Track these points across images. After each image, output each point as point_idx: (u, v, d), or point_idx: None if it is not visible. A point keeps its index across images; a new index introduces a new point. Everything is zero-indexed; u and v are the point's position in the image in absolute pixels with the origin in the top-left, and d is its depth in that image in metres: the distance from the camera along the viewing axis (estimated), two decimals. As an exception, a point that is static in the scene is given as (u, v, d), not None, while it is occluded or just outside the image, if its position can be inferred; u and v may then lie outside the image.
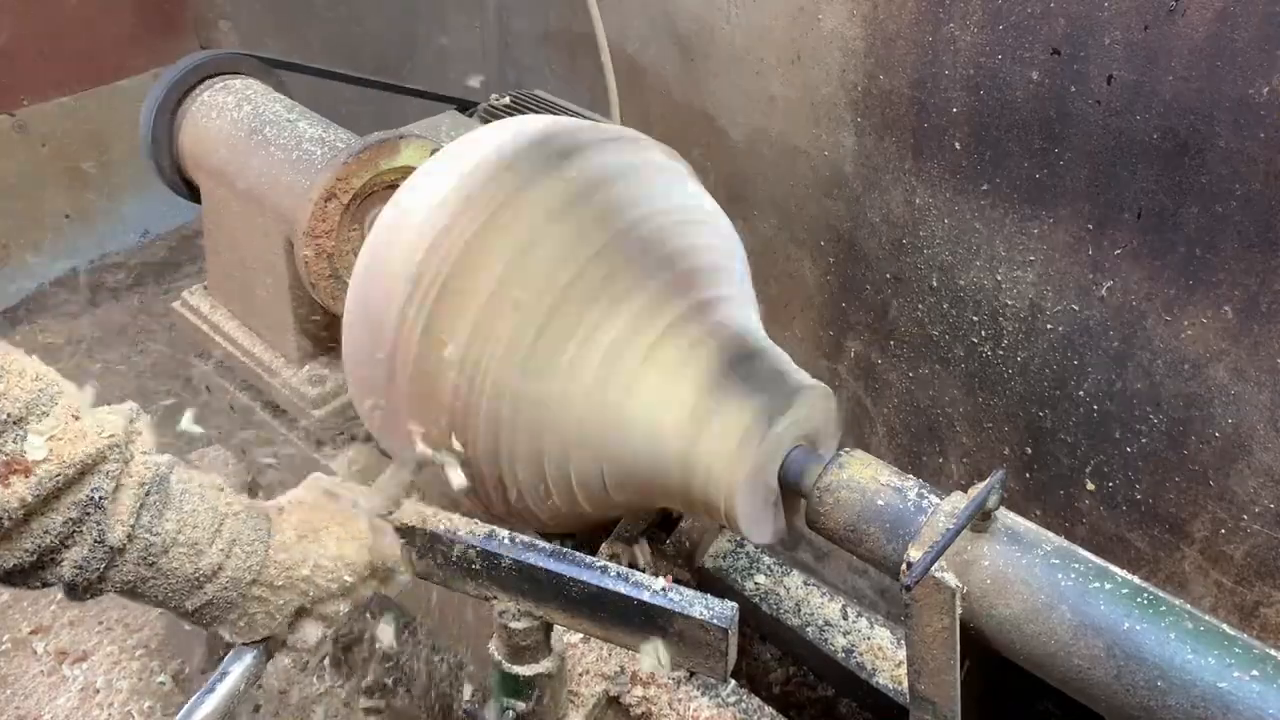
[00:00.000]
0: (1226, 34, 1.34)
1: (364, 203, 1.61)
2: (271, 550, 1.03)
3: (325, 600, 1.08)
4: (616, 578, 1.10)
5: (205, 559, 0.97)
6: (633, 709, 1.43)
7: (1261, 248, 1.42)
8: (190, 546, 0.95)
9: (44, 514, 0.85)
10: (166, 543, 0.94)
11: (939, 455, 2.01)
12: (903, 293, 1.92)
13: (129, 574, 0.93)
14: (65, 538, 0.87)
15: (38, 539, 0.85)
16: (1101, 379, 1.67)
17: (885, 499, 1.16)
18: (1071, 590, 1.03)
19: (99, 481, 0.88)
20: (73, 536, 0.88)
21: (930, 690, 1.09)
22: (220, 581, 0.98)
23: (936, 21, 1.65)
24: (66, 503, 0.86)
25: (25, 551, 0.85)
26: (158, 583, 0.95)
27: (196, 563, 0.96)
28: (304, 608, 1.06)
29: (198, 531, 0.96)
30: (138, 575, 0.93)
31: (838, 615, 1.62)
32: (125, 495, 0.90)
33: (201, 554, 0.96)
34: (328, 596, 1.07)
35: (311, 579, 1.05)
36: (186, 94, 1.84)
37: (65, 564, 0.88)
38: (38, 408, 0.85)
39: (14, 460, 0.82)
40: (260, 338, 1.86)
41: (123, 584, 0.93)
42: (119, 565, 0.91)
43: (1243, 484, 1.56)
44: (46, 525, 0.85)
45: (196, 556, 0.96)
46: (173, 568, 0.95)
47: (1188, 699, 0.94)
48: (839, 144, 1.90)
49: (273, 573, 1.02)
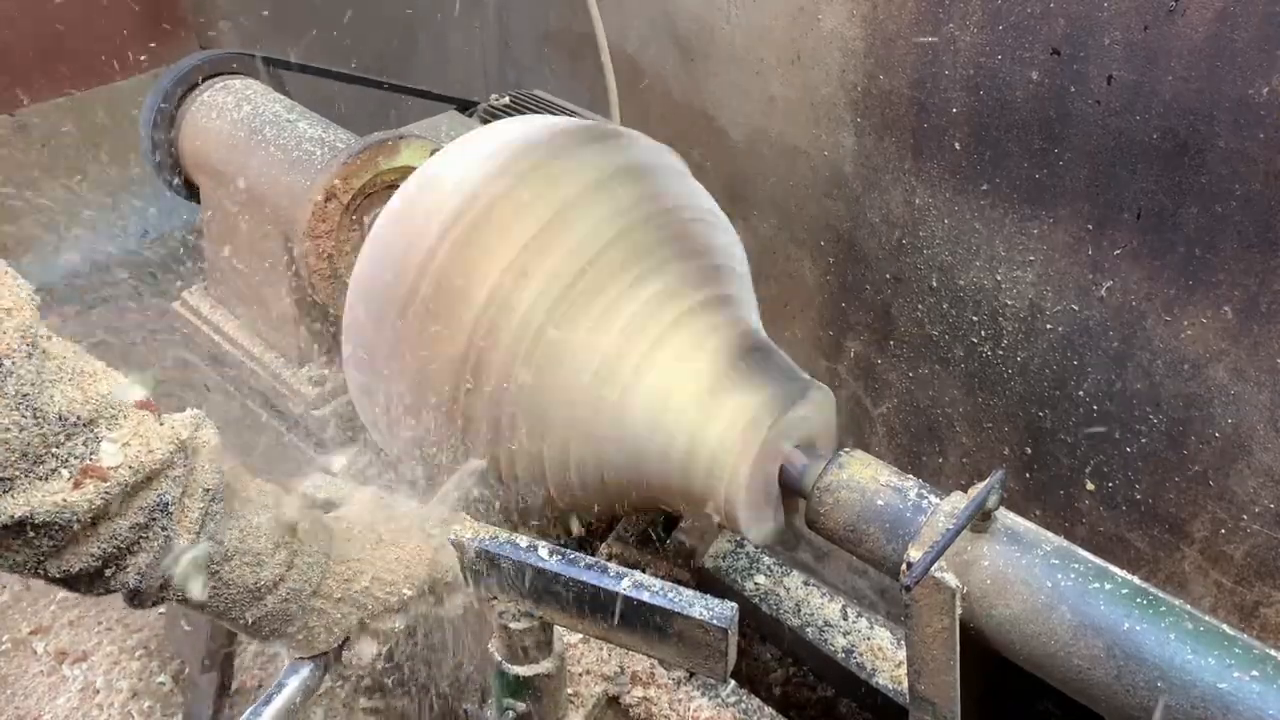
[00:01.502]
0: (1226, 34, 1.34)
1: (364, 203, 1.61)
2: (332, 562, 1.01)
3: (382, 615, 1.06)
4: (617, 578, 1.10)
5: (266, 569, 0.96)
6: (633, 709, 1.43)
7: (1261, 248, 1.42)
8: (253, 556, 0.95)
9: (112, 518, 0.85)
10: (229, 551, 0.93)
11: (939, 455, 2.01)
12: (902, 293, 1.92)
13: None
14: (132, 543, 0.87)
15: (105, 543, 0.85)
16: (1101, 379, 1.67)
17: (885, 499, 1.16)
18: (1071, 590, 1.03)
19: (167, 487, 0.87)
20: (139, 542, 0.87)
21: (930, 690, 1.09)
22: (281, 593, 0.98)
23: (936, 21, 1.65)
24: (135, 507, 0.86)
25: (91, 556, 0.85)
26: (219, 592, 0.94)
27: (258, 573, 0.95)
28: (362, 622, 1.05)
29: (260, 541, 0.96)
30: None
31: (838, 615, 1.62)
32: (191, 502, 0.90)
33: (263, 564, 0.96)
34: (385, 611, 1.06)
35: (370, 592, 1.03)
36: (186, 94, 1.84)
37: (130, 570, 0.88)
38: (109, 411, 0.85)
39: (87, 464, 0.82)
40: (260, 338, 1.86)
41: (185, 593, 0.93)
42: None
43: (1243, 484, 1.56)
44: (114, 529, 0.85)
45: (258, 566, 0.95)
46: (234, 577, 0.94)
47: (1188, 699, 0.94)
48: (839, 144, 1.90)
49: (332, 585, 1.01)
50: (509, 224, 1.22)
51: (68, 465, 0.81)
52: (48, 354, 0.82)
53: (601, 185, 1.26)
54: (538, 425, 1.27)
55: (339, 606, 1.02)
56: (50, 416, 0.80)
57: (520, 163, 1.26)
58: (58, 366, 0.83)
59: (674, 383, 1.24)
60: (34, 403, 0.79)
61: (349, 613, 1.03)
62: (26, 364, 0.79)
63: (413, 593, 1.07)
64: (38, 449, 0.79)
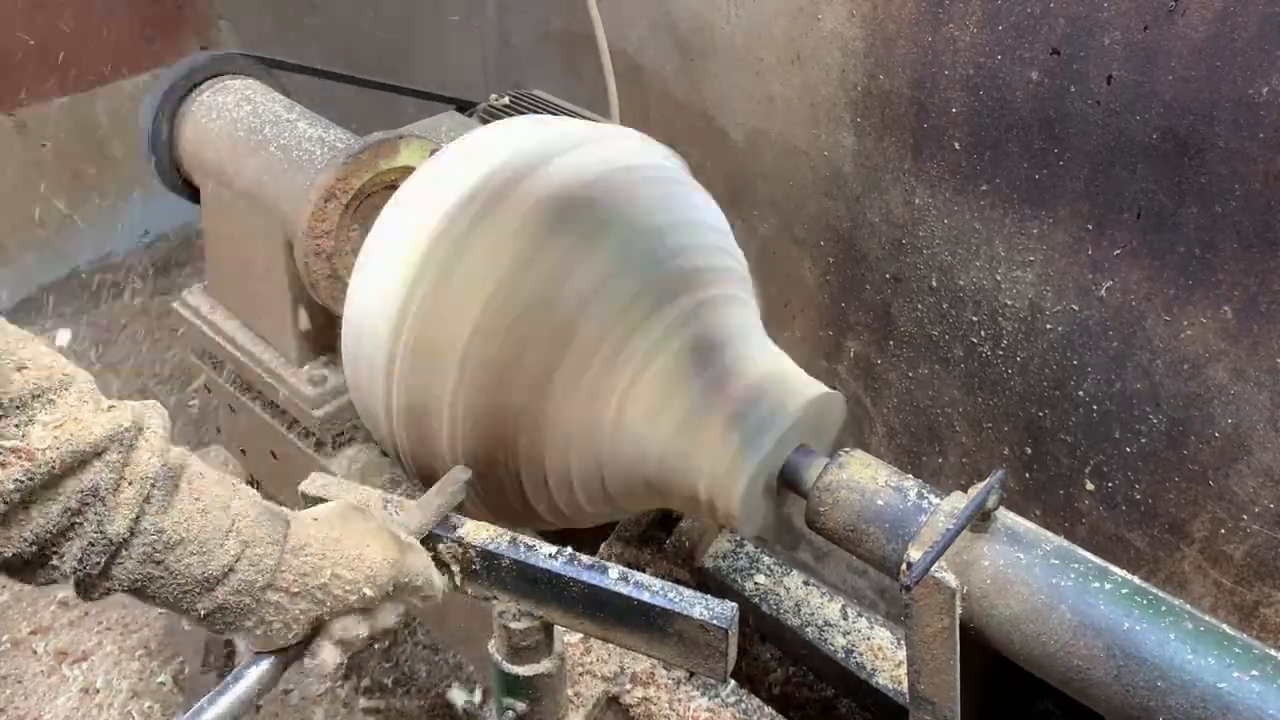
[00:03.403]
0: (1226, 34, 1.34)
1: (364, 203, 1.61)
2: (287, 554, 1.00)
3: (344, 614, 1.04)
4: (616, 578, 1.10)
5: (215, 559, 0.95)
6: (633, 709, 1.43)
7: (1261, 248, 1.42)
8: (199, 544, 0.94)
9: (43, 502, 0.85)
10: (172, 540, 0.92)
11: (939, 455, 2.01)
12: (902, 293, 1.92)
13: (135, 571, 0.92)
14: (65, 529, 0.86)
15: (37, 527, 0.85)
16: (1101, 379, 1.67)
17: (885, 499, 1.16)
18: (1071, 590, 1.03)
19: (99, 471, 0.87)
20: (73, 528, 0.87)
21: (930, 690, 1.09)
22: (231, 584, 0.96)
23: (936, 21, 1.65)
24: (67, 491, 0.85)
25: (24, 540, 0.85)
26: (166, 582, 0.93)
27: (206, 563, 0.94)
28: (322, 619, 1.03)
29: (207, 530, 0.95)
30: (144, 573, 0.92)
31: (837, 615, 1.62)
32: (128, 488, 0.89)
33: (211, 554, 0.95)
34: (346, 609, 1.04)
35: (328, 588, 1.02)
36: (186, 94, 1.84)
37: (67, 556, 0.88)
38: (46, 395, 0.85)
39: (15, 445, 0.82)
40: (260, 338, 1.86)
41: (130, 582, 0.92)
42: (123, 561, 0.91)
43: (1242, 484, 1.56)
44: (46, 512, 0.85)
45: (206, 556, 0.94)
46: (181, 567, 0.93)
47: (1188, 699, 0.94)
48: (839, 144, 1.90)
49: (288, 578, 1.00)
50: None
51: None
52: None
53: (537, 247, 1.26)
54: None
55: (296, 601, 1.00)
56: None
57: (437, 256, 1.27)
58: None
59: (655, 425, 1.26)
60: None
61: (308, 609, 1.01)
62: None
63: (374, 593, 1.04)
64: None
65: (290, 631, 1.02)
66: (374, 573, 1.04)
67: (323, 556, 1.02)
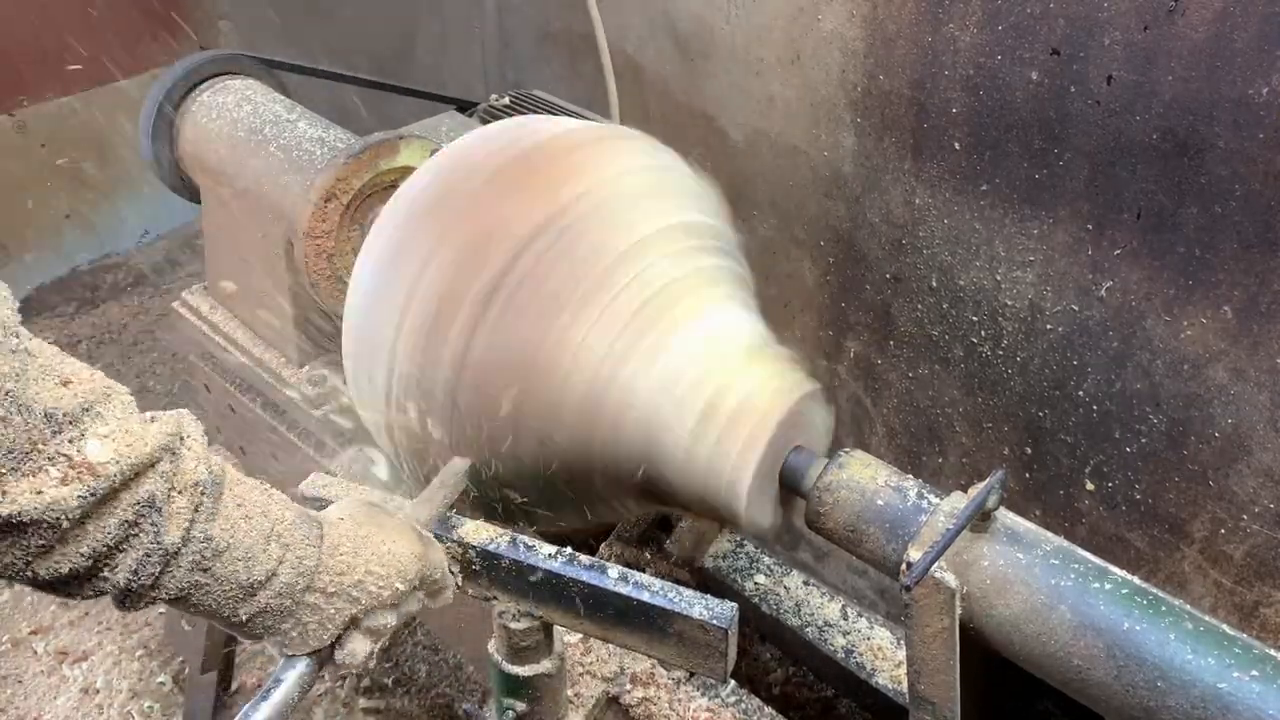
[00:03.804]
0: (1226, 34, 1.34)
1: (364, 203, 1.61)
2: (324, 555, 1.01)
3: (376, 610, 1.05)
4: (616, 578, 1.10)
5: (259, 564, 0.95)
6: (632, 709, 1.43)
7: (1261, 248, 1.42)
8: (243, 551, 0.94)
9: (100, 516, 0.84)
10: (220, 546, 0.93)
11: (939, 455, 2.01)
12: (902, 293, 1.92)
13: (183, 580, 0.91)
14: (121, 540, 0.86)
15: (94, 542, 0.84)
16: (1101, 379, 1.67)
17: (885, 499, 1.16)
18: (1071, 590, 1.03)
19: (155, 483, 0.87)
20: (129, 540, 0.86)
21: (930, 690, 1.09)
22: (274, 588, 0.97)
23: (936, 22, 1.65)
24: (123, 504, 0.85)
25: (81, 555, 0.84)
26: (211, 589, 0.94)
27: (250, 568, 0.95)
28: (356, 618, 1.04)
29: (251, 535, 0.95)
30: (191, 581, 0.92)
31: (837, 615, 1.62)
32: (180, 497, 0.89)
33: (255, 559, 0.95)
34: (379, 606, 1.05)
35: (364, 585, 1.03)
36: (186, 94, 1.84)
37: (121, 569, 0.87)
38: (94, 409, 0.84)
39: (76, 460, 0.81)
40: (260, 338, 1.86)
41: (177, 591, 0.92)
42: (173, 570, 0.90)
43: (1242, 484, 1.56)
44: (103, 526, 0.84)
45: (250, 561, 0.95)
46: (226, 573, 0.94)
47: (1188, 699, 0.94)
48: (839, 144, 1.90)
49: (326, 579, 1.00)
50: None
51: (55, 462, 0.80)
52: (29, 351, 0.82)
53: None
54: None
55: (333, 601, 1.02)
56: (36, 412, 0.79)
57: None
58: (41, 364, 0.82)
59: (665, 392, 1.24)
60: (18, 398, 0.78)
61: (343, 608, 1.02)
62: (10, 359, 0.78)
63: (405, 588, 1.06)
64: (23, 446, 0.79)
65: (325, 632, 1.02)
66: (403, 567, 1.06)
67: (355, 554, 1.03)
